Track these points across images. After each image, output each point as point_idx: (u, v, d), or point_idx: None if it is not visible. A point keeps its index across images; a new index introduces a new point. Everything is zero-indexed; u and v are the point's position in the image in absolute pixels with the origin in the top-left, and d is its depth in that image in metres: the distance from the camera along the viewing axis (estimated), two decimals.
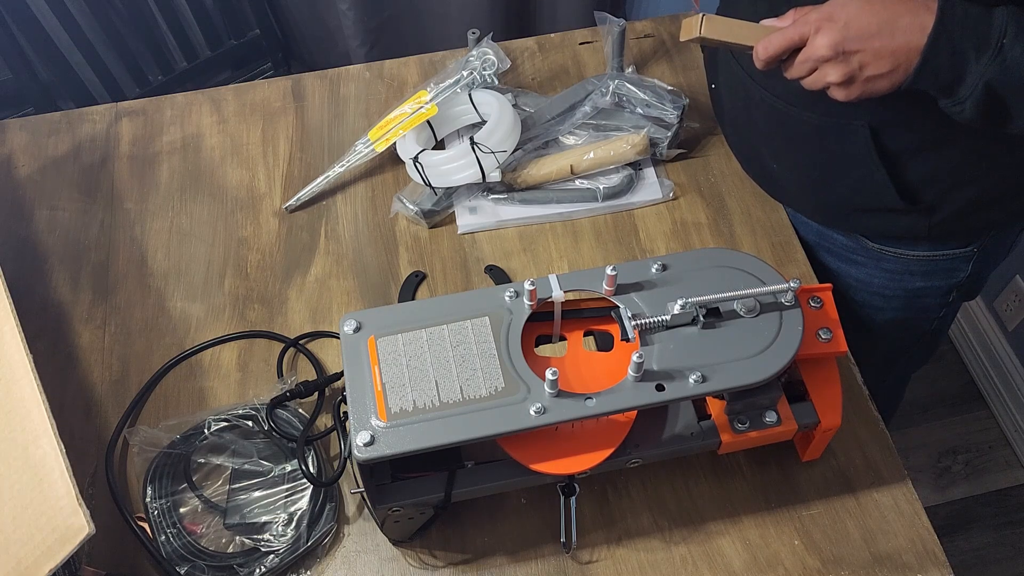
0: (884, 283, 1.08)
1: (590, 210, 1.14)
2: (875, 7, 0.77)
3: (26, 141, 1.24)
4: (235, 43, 1.98)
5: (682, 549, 0.90)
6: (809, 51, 0.79)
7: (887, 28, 0.76)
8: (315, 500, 0.91)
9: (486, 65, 1.20)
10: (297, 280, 1.10)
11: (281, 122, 1.26)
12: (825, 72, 0.79)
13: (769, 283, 0.82)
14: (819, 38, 0.77)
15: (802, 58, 0.80)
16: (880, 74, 0.77)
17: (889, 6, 0.76)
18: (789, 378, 0.88)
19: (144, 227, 1.16)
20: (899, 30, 0.76)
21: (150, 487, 0.92)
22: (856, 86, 0.78)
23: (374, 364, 0.79)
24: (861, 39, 0.76)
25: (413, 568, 0.89)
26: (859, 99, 0.80)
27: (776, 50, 0.80)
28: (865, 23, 0.76)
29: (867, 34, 0.76)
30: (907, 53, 0.76)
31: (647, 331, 0.80)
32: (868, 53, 0.76)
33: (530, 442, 0.80)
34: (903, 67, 0.76)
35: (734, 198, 1.15)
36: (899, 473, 0.93)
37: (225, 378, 1.03)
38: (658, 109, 1.16)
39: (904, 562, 0.88)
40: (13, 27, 1.66)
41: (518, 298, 0.82)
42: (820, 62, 0.78)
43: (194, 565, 0.88)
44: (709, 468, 0.94)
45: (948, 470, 1.91)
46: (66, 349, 1.05)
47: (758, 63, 0.83)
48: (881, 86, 0.78)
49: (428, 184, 1.12)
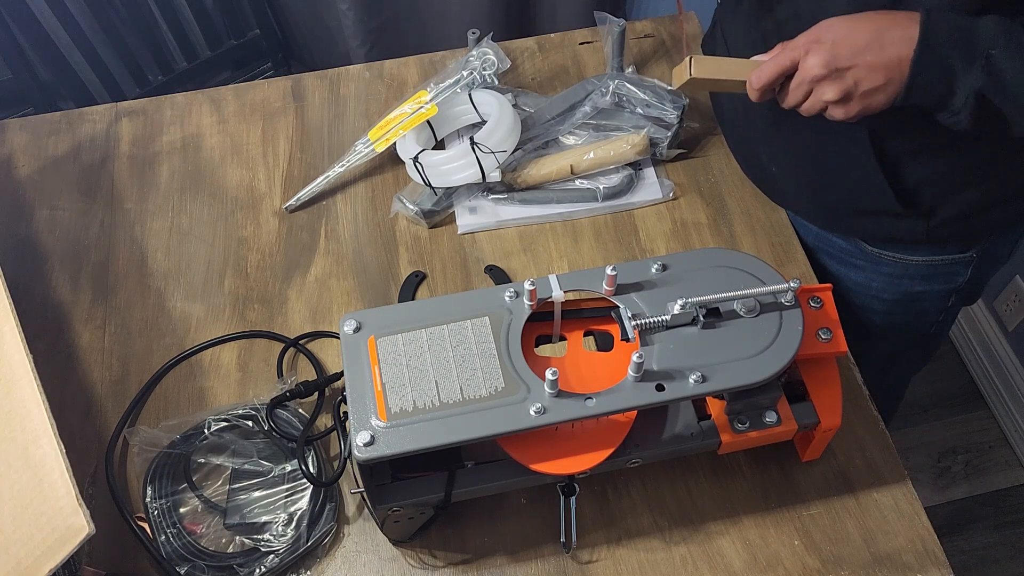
0: (883, 286, 1.08)
1: (590, 210, 1.14)
2: (861, 24, 0.77)
3: (26, 141, 1.25)
4: (235, 43, 1.98)
5: (682, 549, 0.90)
6: (802, 74, 0.79)
7: (876, 42, 0.76)
8: (315, 500, 0.91)
9: (486, 65, 1.20)
10: (297, 280, 1.10)
11: (281, 122, 1.26)
12: (821, 92, 0.79)
13: (769, 283, 0.82)
14: (810, 59, 0.78)
15: (796, 82, 0.80)
16: (875, 87, 0.77)
17: (875, 21, 0.77)
18: (789, 378, 0.88)
19: (144, 227, 1.16)
20: (888, 43, 0.76)
21: (150, 487, 0.92)
22: (854, 103, 0.79)
23: (374, 364, 0.79)
24: (852, 55, 0.76)
25: (413, 568, 0.89)
26: (859, 116, 0.80)
27: (769, 77, 0.81)
28: (853, 40, 0.76)
29: (857, 50, 0.76)
30: (899, 65, 0.76)
31: (647, 331, 0.80)
32: (861, 68, 0.77)
33: (530, 442, 0.80)
34: (896, 79, 0.77)
35: (734, 198, 1.15)
36: (899, 473, 0.93)
37: (225, 378, 1.03)
38: (658, 109, 1.16)
39: (904, 562, 0.88)
40: (13, 27, 1.66)
41: (518, 298, 0.82)
42: (815, 83, 0.79)
43: (194, 565, 0.88)
44: (709, 468, 0.94)
45: (948, 470, 1.91)
46: (66, 349, 1.05)
47: (752, 94, 0.84)
48: (878, 100, 0.78)
49: (428, 184, 1.12)
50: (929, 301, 1.10)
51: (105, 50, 1.81)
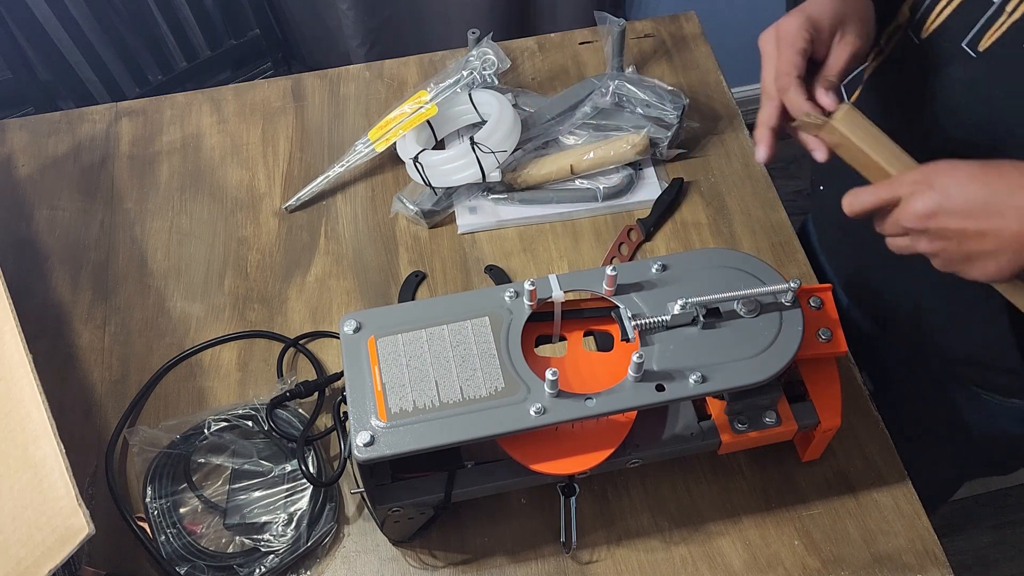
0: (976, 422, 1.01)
1: (590, 210, 1.14)
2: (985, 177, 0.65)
3: (26, 141, 1.24)
4: (235, 43, 1.98)
5: (682, 549, 0.90)
6: (899, 215, 0.69)
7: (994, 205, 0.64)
8: (315, 500, 0.91)
9: (486, 65, 1.20)
10: (297, 280, 1.10)
11: (281, 122, 1.26)
12: (916, 240, 0.69)
13: (769, 283, 0.82)
14: (913, 203, 0.67)
15: (891, 221, 0.70)
16: (983, 253, 0.65)
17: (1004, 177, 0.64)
18: (789, 378, 0.88)
19: (144, 227, 1.16)
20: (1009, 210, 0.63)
21: (150, 487, 0.92)
22: (954, 263, 0.68)
23: (374, 364, 0.79)
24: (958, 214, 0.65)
25: (413, 568, 0.89)
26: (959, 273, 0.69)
27: (863, 208, 0.71)
28: (966, 195, 0.65)
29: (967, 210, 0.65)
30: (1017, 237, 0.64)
31: (647, 331, 0.80)
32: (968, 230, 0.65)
33: (530, 442, 0.80)
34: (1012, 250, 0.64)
35: (734, 198, 1.15)
36: (899, 473, 0.93)
37: (225, 378, 1.03)
38: (658, 109, 1.16)
39: (904, 562, 0.88)
40: (13, 27, 1.66)
41: (518, 298, 0.82)
42: (911, 231, 0.69)
43: (194, 565, 0.88)
44: (709, 468, 0.94)
45: None
46: (66, 349, 1.05)
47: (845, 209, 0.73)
48: (987, 269, 0.67)
49: (428, 184, 1.12)
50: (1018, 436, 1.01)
51: (105, 50, 1.80)
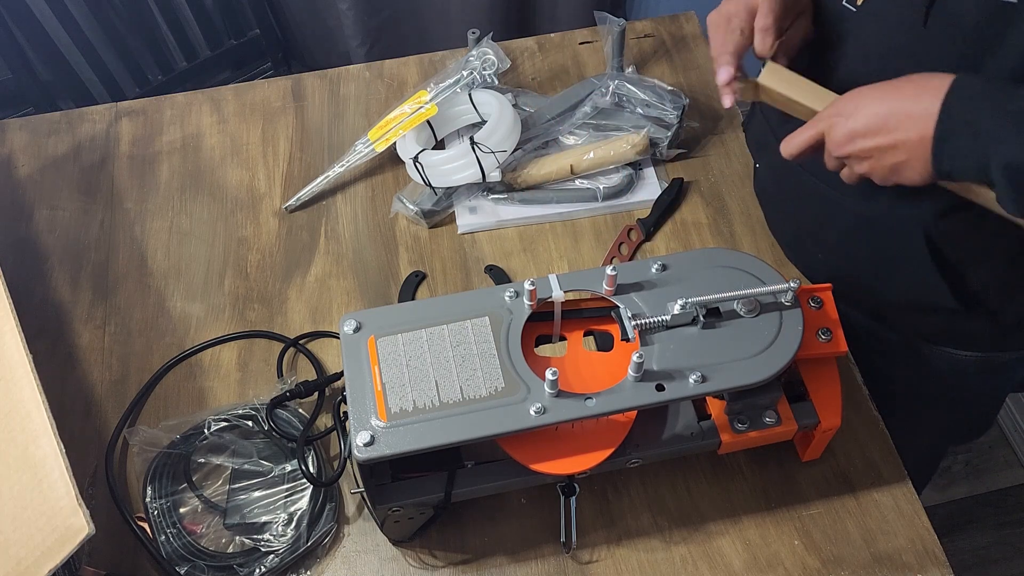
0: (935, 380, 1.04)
1: (590, 210, 1.14)
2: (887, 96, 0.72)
3: (26, 141, 1.25)
4: (235, 43, 1.98)
5: (682, 549, 0.90)
6: (828, 147, 0.77)
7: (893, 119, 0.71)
8: (315, 500, 0.91)
9: (486, 65, 1.20)
10: (297, 280, 1.10)
11: (281, 122, 1.26)
12: (852, 164, 0.77)
13: (769, 283, 0.82)
14: (833, 134, 0.76)
15: (826, 155, 0.78)
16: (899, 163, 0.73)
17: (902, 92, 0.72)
18: (789, 378, 0.88)
19: (144, 227, 1.16)
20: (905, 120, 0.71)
21: (150, 487, 0.92)
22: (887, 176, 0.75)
23: (374, 364, 0.79)
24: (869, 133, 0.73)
25: (413, 568, 0.89)
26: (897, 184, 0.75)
27: (798, 149, 0.80)
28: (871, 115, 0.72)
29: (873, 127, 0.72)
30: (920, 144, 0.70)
31: (647, 331, 0.80)
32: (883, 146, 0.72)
33: (530, 442, 0.80)
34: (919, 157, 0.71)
35: (734, 198, 1.15)
36: (899, 473, 0.93)
37: (225, 378, 1.02)
38: (658, 109, 1.16)
39: (904, 562, 0.88)
40: (13, 27, 1.66)
41: (518, 298, 0.82)
42: (842, 157, 0.76)
43: (194, 565, 0.88)
44: (709, 468, 0.94)
45: (948, 470, 1.91)
46: (66, 349, 1.05)
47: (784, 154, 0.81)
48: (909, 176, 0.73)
49: (428, 184, 1.12)
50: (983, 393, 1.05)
51: (105, 50, 1.81)
